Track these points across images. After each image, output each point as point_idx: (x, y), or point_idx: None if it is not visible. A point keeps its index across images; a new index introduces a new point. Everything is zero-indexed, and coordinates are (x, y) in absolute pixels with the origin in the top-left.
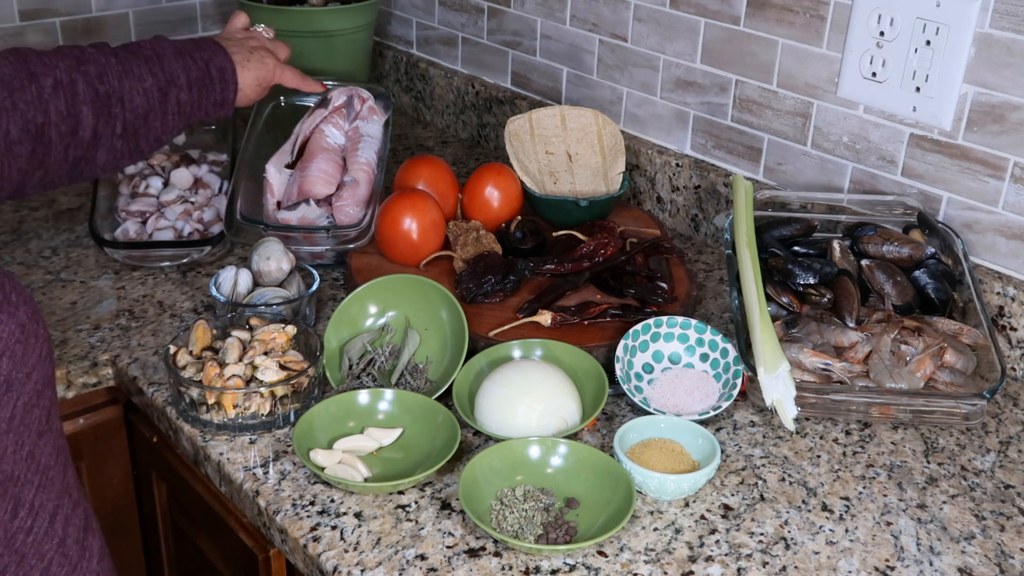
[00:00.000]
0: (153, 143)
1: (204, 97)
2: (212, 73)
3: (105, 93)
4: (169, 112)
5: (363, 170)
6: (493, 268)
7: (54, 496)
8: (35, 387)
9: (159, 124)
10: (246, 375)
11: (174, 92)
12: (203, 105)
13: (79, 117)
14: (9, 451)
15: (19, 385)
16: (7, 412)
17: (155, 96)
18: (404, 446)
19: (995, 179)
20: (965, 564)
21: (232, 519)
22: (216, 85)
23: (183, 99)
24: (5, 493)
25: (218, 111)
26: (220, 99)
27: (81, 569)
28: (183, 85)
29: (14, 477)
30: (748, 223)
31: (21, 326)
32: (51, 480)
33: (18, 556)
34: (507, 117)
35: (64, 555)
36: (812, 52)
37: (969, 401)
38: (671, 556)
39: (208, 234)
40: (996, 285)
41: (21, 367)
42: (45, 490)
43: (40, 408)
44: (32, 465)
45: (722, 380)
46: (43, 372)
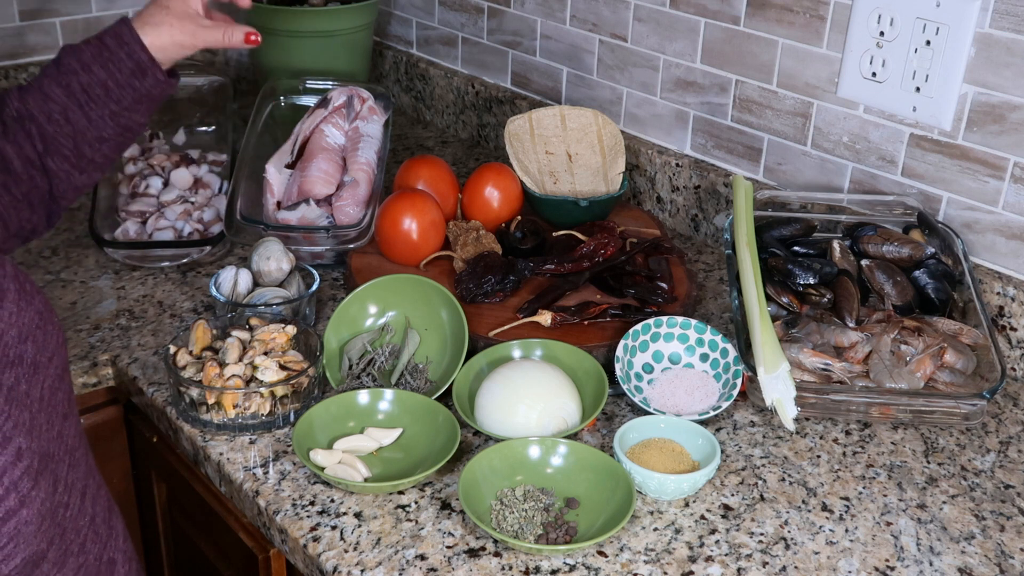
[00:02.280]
0: (96, 143)
1: (113, 71)
2: (108, 43)
3: (11, 118)
4: (82, 103)
5: (363, 170)
6: (493, 268)
7: (82, 475)
8: (56, 371)
9: (84, 121)
10: (246, 375)
11: (74, 79)
12: (119, 79)
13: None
14: (43, 428)
15: (43, 368)
16: (37, 392)
17: (58, 94)
18: (404, 446)
19: (995, 179)
20: (965, 564)
21: (232, 519)
22: (119, 53)
23: (86, 82)
24: (46, 468)
25: (143, 78)
26: (133, 65)
27: (110, 548)
28: (78, 69)
29: (50, 454)
30: (748, 223)
31: (39, 313)
32: (77, 460)
33: (60, 529)
34: (507, 117)
35: (95, 532)
36: (812, 52)
37: (969, 401)
38: (671, 556)
39: (208, 234)
40: (996, 285)
41: (44, 351)
42: (75, 469)
43: (62, 391)
44: (62, 445)
45: (722, 380)
46: (61, 358)
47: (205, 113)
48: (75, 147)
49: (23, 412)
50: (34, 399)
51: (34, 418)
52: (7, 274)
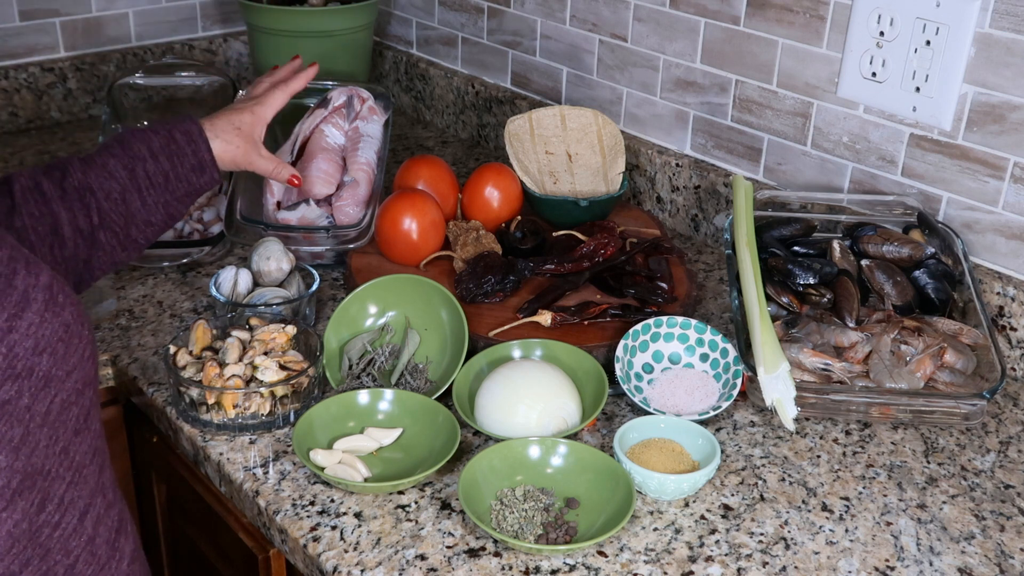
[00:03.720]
0: (144, 228)
1: (176, 164)
2: (177, 139)
3: (72, 187)
4: (143, 188)
5: (363, 170)
6: (493, 268)
7: (86, 494)
8: (75, 386)
9: (139, 204)
10: (246, 375)
11: (140, 166)
12: (179, 172)
13: (54, 216)
14: (41, 445)
15: (58, 382)
16: (43, 407)
17: (123, 175)
18: (404, 446)
19: (995, 179)
20: (965, 564)
21: (232, 519)
22: (185, 148)
23: (151, 170)
24: (33, 486)
25: (200, 175)
26: (195, 162)
27: (110, 569)
28: (147, 156)
29: (45, 471)
30: (748, 223)
31: (65, 325)
32: (84, 478)
33: (42, 550)
34: (507, 117)
35: (92, 553)
36: (812, 52)
37: (969, 401)
38: (671, 556)
39: (208, 234)
40: (996, 285)
41: (62, 365)
42: (77, 487)
43: (79, 407)
44: (65, 461)
45: (722, 380)
46: (85, 372)
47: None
48: (125, 226)
49: (14, 428)
50: (37, 413)
51: (29, 434)
52: (39, 284)
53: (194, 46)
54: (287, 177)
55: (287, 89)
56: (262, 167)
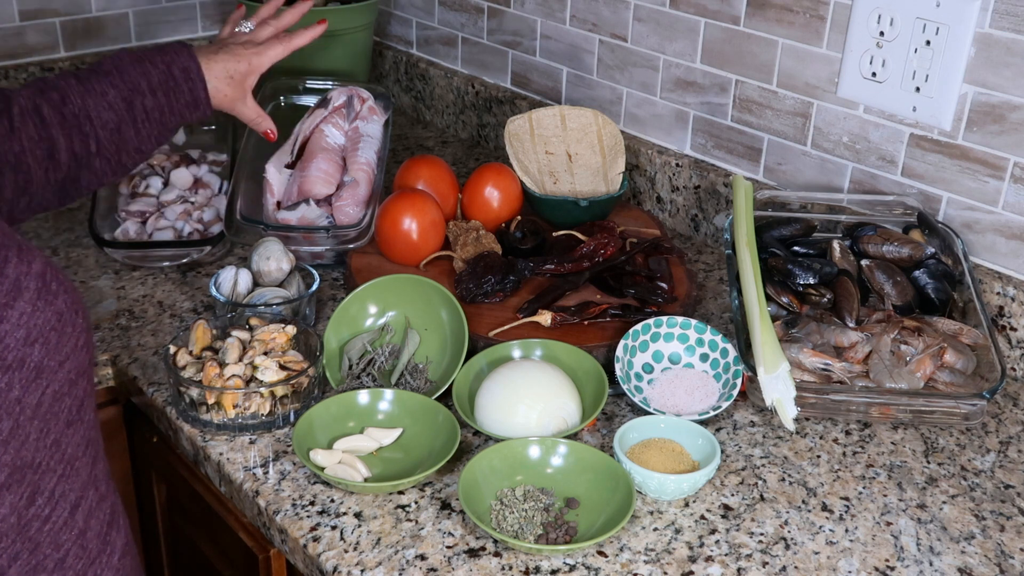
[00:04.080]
0: (134, 154)
1: (173, 100)
2: (175, 74)
3: (71, 114)
4: (139, 121)
5: (363, 170)
6: (493, 268)
7: (78, 487)
8: (68, 376)
9: (133, 134)
10: (246, 375)
11: (139, 100)
12: (175, 108)
13: (52, 140)
14: (32, 438)
15: (50, 373)
16: (34, 399)
17: (121, 107)
18: (404, 446)
19: (995, 179)
20: (965, 564)
21: (232, 519)
22: (183, 86)
23: (149, 105)
24: (23, 480)
25: (193, 112)
26: (191, 99)
27: (100, 564)
28: (145, 91)
29: (35, 464)
30: (748, 223)
31: (58, 314)
32: (76, 471)
33: (32, 544)
34: (507, 117)
35: (83, 547)
36: (812, 52)
37: (969, 401)
38: (671, 556)
39: (208, 234)
40: (996, 285)
41: (54, 355)
42: (68, 480)
43: (72, 398)
44: (57, 454)
45: (722, 380)
46: (78, 362)
47: None
48: (117, 153)
49: (3, 420)
50: (27, 405)
51: (19, 426)
52: (31, 272)
53: None
54: (264, 128)
55: (289, 44)
56: (245, 115)
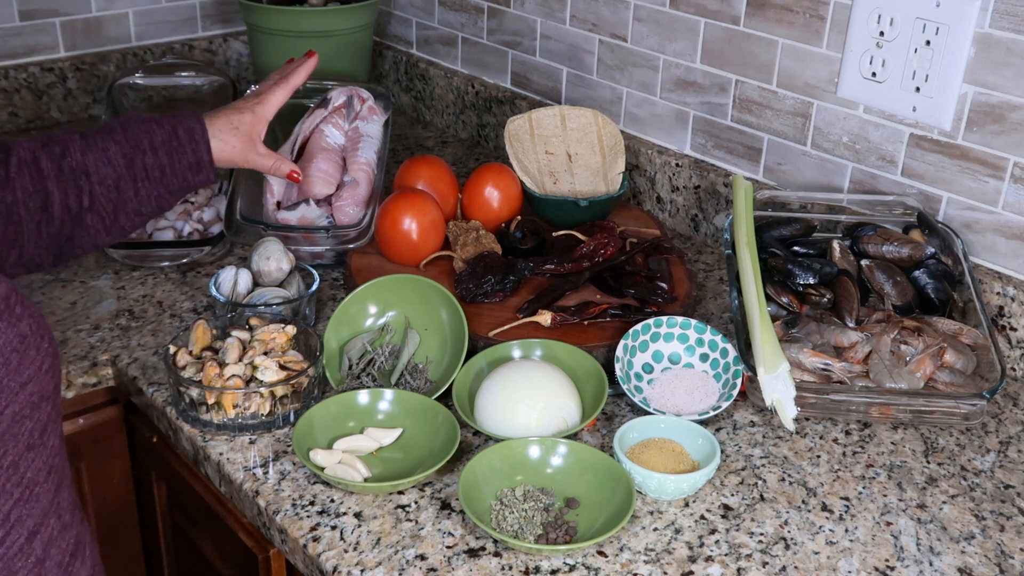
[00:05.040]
0: (133, 216)
1: (175, 160)
2: (180, 135)
3: (68, 167)
4: (139, 179)
5: (363, 170)
6: (493, 268)
7: (37, 514)
8: (29, 399)
9: (132, 194)
10: (246, 375)
11: (139, 158)
12: (176, 169)
13: (47, 193)
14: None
15: (9, 394)
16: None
17: (121, 164)
18: (404, 446)
19: (995, 179)
20: (965, 564)
21: (232, 519)
22: (186, 147)
23: (150, 163)
24: None
25: (196, 174)
26: (193, 160)
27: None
28: (147, 149)
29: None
30: (748, 223)
31: (21, 336)
32: (36, 496)
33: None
34: (507, 117)
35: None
36: (812, 52)
37: (969, 401)
38: (671, 556)
39: (208, 234)
40: (996, 285)
41: (15, 376)
42: (26, 505)
43: (33, 421)
44: (14, 476)
45: (722, 380)
46: (41, 386)
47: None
48: (114, 212)
49: None
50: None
51: None
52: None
53: (194, 46)
54: (287, 172)
55: (287, 86)
56: (260, 164)
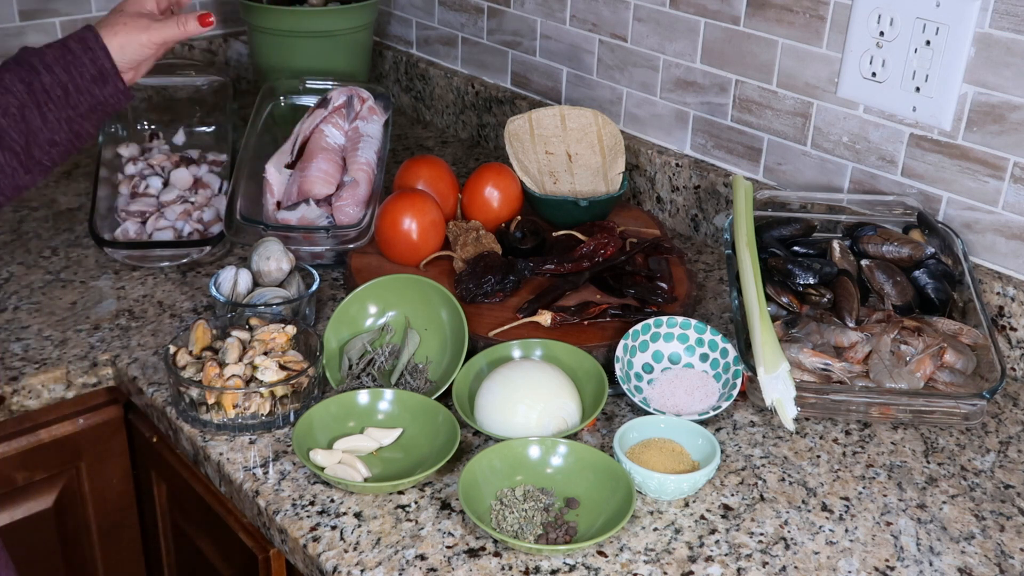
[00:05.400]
0: (47, 148)
1: (75, 75)
2: (72, 47)
3: None
4: (41, 103)
5: (363, 170)
6: (493, 268)
7: None
8: None
9: (40, 122)
10: (246, 375)
11: (36, 79)
12: (79, 84)
13: None
14: None
15: None
16: None
17: (19, 89)
18: (404, 446)
19: (995, 179)
20: (965, 564)
21: (232, 519)
22: (82, 57)
23: (48, 82)
24: None
25: (103, 86)
26: (96, 71)
27: None
28: (41, 69)
29: None
30: (748, 223)
31: None
32: None
33: None
34: (507, 117)
35: None
36: (812, 52)
37: (969, 401)
38: (671, 556)
39: (208, 234)
40: (996, 285)
41: None
42: None
43: None
44: None
45: (722, 380)
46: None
47: (205, 113)
48: (26, 146)
49: None
50: None
51: None
52: None
53: (194, 46)
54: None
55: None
56: (166, 32)
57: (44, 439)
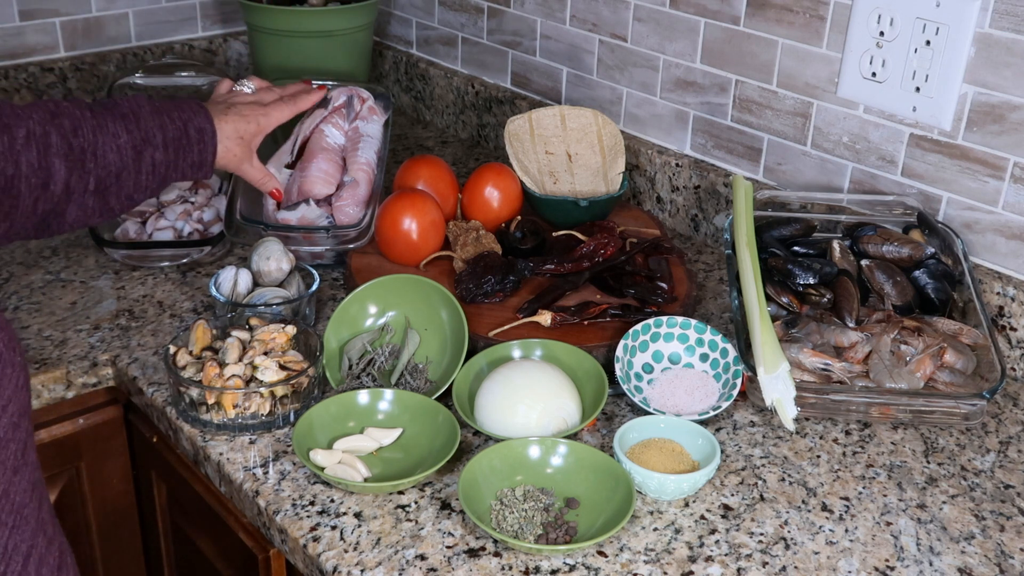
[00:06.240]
0: (124, 202)
1: (181, 158)
2: (190, 134)
3: (79, 147)
4: (143, 172)
5: (363, 170)
6: (493, 268)
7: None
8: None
9: (131, 183)
10: (246, 375)
11: (149, 151)
12: (180, 166)
13: (51, 170)
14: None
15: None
16: None
17: (129, 154)
18: (404, 446)
19: (995, 179)
20: (965, 564)
21: (232, 519)
22: (194, 147)
23: (158, 159)
24: None
25: (196, 172)
26: (198, 161)
27: None
28: (159, 145)
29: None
30: (748, 223)
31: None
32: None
33: None
34: (507, 117)
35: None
36: (812, 52)
37: (969, 401)
38: (671, 556)
39: (208, 234)
40: (996, 285)
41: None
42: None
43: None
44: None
45: (722, 380)
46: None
47: None
48: (108, 197)
49: None
50: None
51: None
52: None
53: (194, 46)
54: (271, 189)
55: (294, 106)
56: (251, 176)
57: (44, 439)
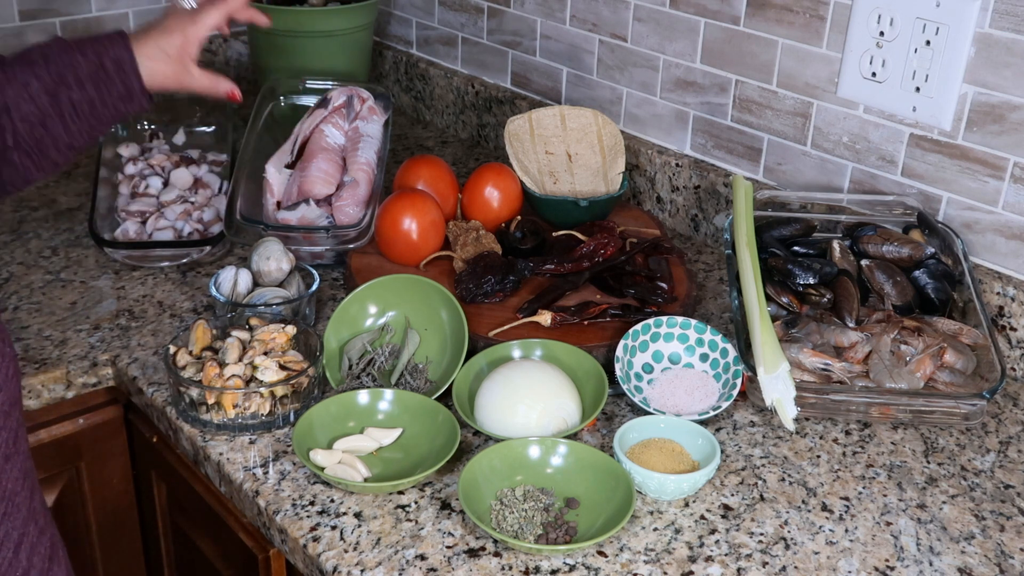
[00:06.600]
0: (65, 151)
1: (105, 92)
2: (107, 66)
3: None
4: (66, 115)
5: (363, 170)
6: (493, 268)
7: (19, 524)
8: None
9: (61, 130)
10: (246, 375)
11: (65, 92)
12: (107, 101)
13: None
14: None
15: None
16: None
17: (45, 101)
18: (404, 446)
19: (995, 179)
20: (965, 564)
21: (232, 519)
22: (114, 77)
23: (76, 98)
24: None
25: (128, 104)
26: (125, 91)
27: None
28: (72, 83)
29: None
30: (748, 223)
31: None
32: (17, 507)
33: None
34: (507, 117)
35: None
36: (812, 52)
37: (969, 401)
38: (671, 556)
39: (208, 234)
40: (996, 285)
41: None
42: (11, 518)
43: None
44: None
45: (722, 380)
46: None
47: (205, 113)
48: (42, 149)
49: None
50: None
51: None
52: None
53: None
54: (224, 90)
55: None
56: (196, 86)
57: (44, 439)
